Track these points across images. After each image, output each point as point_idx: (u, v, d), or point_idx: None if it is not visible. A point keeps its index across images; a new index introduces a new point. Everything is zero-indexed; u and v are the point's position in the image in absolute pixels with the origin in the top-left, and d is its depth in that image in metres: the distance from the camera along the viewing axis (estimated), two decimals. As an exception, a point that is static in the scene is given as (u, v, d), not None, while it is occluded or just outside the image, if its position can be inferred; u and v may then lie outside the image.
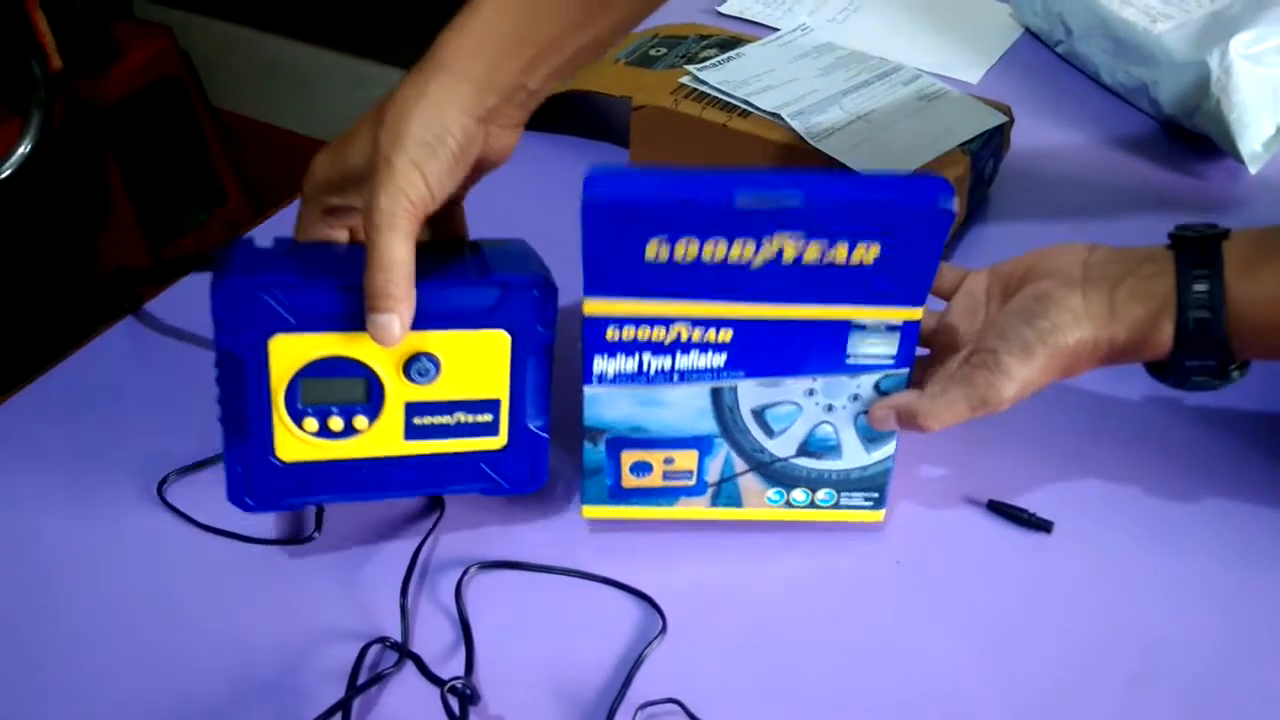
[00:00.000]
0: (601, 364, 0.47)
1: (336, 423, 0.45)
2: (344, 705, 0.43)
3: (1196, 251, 0.47)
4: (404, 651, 0.46)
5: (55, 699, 0.45)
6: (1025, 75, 0.88)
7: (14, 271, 1.52)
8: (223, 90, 1.85)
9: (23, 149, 1.25)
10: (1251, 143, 0.77)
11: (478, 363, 0.46)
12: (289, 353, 0.43)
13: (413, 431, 0.47)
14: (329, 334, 0.43)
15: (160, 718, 0.44)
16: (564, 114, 0.81)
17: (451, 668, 0.46)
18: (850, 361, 0.47)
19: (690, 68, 0.73)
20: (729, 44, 0.77)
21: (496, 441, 0.48)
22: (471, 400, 0.46)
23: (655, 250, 0.43)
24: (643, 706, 0.44)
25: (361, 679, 0.45)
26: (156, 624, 0.47)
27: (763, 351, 0.47)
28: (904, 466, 0.55)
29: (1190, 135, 0.81)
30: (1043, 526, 0.52)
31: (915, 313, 0.46)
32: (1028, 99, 0.84)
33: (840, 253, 0.44)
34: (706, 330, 0.46)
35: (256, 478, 0.46)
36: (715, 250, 0.44)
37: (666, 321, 0.46)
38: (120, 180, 1.64)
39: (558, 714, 0.44)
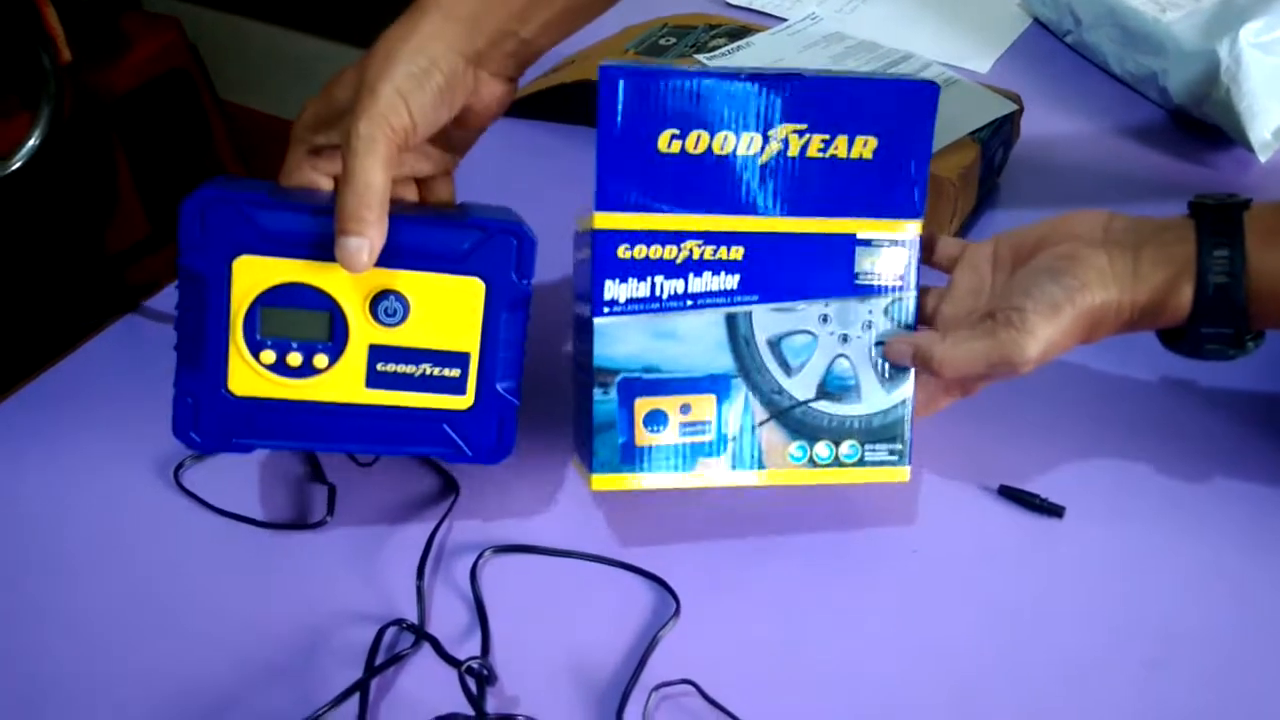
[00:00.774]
0: (613, 289, 0.46)
1: (295, 358, 0.44)
2: (362, 685, 0.44)
3: (1217, 219, 0.47)
4: (420, 633, 0.46)
5: (74, 679, 0.45)
6: (1034, 65, 0.88)
7: (22, 261, 1.52)
8: (230, 83, 1.86)
9: (32, 141, 1.26)
10: (1261, 131, 0.77)
11: (449, 310, 0.44)
12: (253, 275, 0.42)
13: (375, 379, 0.45)
14: (296, 260, 0.42)
15: (177, 698, 0.44)
16: (573, 104, 0.81)
17: (468, 649, 0.46)
18: (859, 282, 0.49)
19: (699, 56, 0.73)
20: (738, 33, 0.77)
21: (463, 401, 0.46)
22: (439, 351, 0.45)
23: (667, 142, 0.46)
24: (657, 687, 0.45)
25: (379, 660, 0.45)
26: (173, 606, 0.48)
27: (774, 272, 0.48)
28: (917, 453, 0.55)
29: (1200, 124, 0.81)
30: (1054, 511, 0.52)
31: (916, 225, 0.49)
32: (1037, 88, 0.84)
33: (840, 146, 0.47)
34: (718, 248, 0.47)
35: (206, 410, 0.44)
36: (725, 142, 0.46)
37: (678, 239, 0.47)
38: (128, 172, 1.64)
39: (573, 695, 0.45)
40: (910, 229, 0.49)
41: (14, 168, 1.24)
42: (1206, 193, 0.49)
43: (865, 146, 0.47)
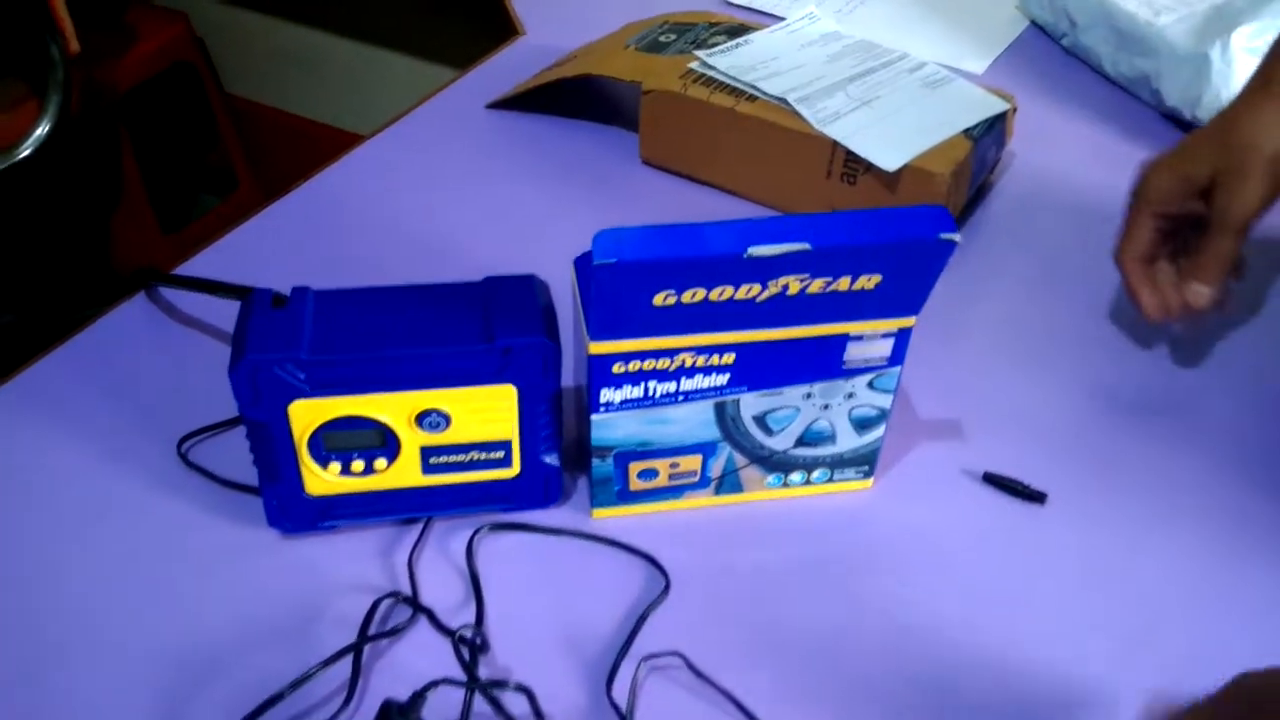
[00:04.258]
0: (608, 394, 0.48)
1: (358, 465, 0.48)
2: (356, 649, 0.45)
3: None
4: (416, 605, 0.48)
5: (80, 637, 0.46)
6: (1030, 66, 0.89)
7: (29, 252, 1.54)
8: (236, 77, 1.87)
9: (41, 130, 1.27)
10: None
11: (488, 412, 0.48)
12: (307, 414, 0.46)
13: (430, 469, 0.49)
14: (343, 397, 0.46)
15: (177, 661, 0.46)
16: (575, 99, 0.82)
17: (462, 622, 0.47)
18: (847, 367, 0.49)
19: (699, 53, 0.75)
20: (737, 31, 0.78)
21: (510, 472, 0.50)
22: (484, 442, 0.49)
23: (663, 299, 0.44)
24: (646, 659, 0.46)
25: (374, 631, 0.47)
26: (176, 574, 0.49)
27: (764, 368, 0.48)
28: (903, 440, 0.57)
29: (1191, 126, 0.82)
30: (1036, 497, 0.54)
31: (909, 321, 0.48)
32: (1032, 89, 0.86)
33: (844, 284, 0.45)
34: (710, 355, 0.47)
35: (290, 508, 0.49)
36: (722, 294, 0.44)
37: (671, 353, 0.47)
38: (134, 165, 1.66)
39: (565, 664, 0.46)
40: (905, 321, 0.48)
41: (22, 155, 1.25)
42: None
43: (869, 281, 0.45)
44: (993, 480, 0.55)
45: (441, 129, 0.80)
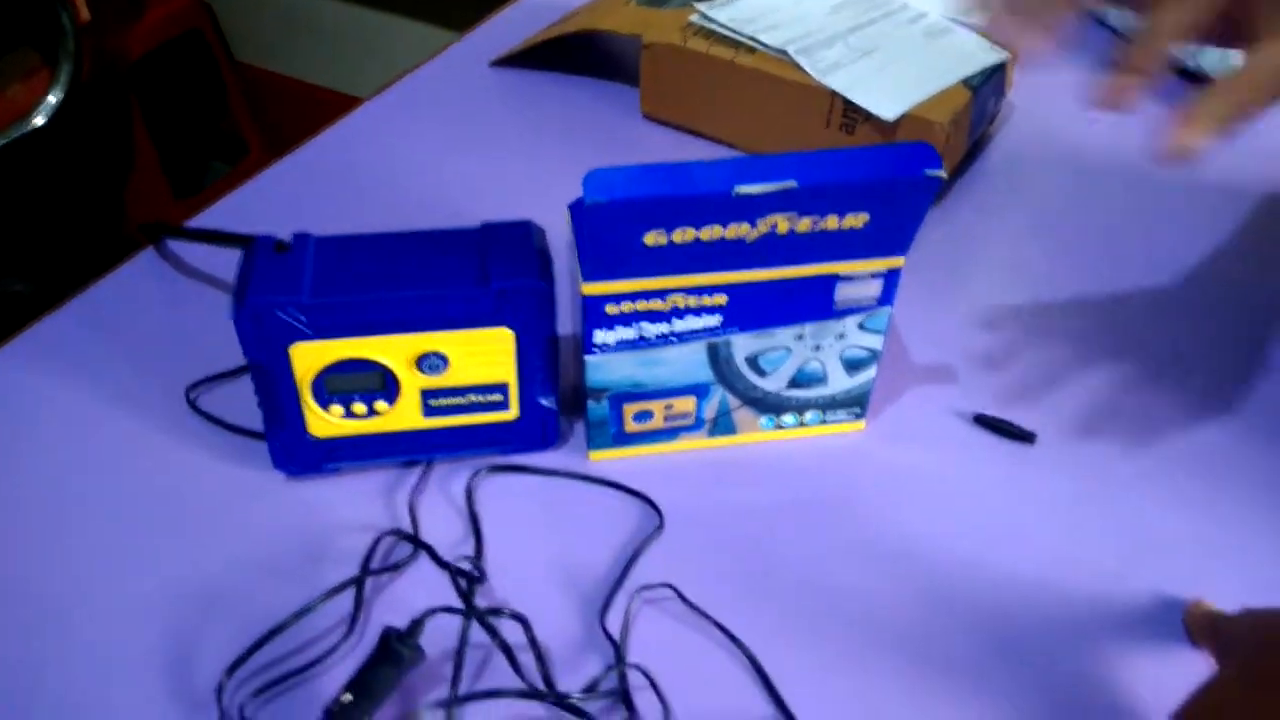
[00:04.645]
0: (602, 335, 0.48)
1: (360, 408, 0.49)
2: (358, 582, 0.46)
3: None
4: (416, 541, 0.49)
5: (93, 578, 0.48)
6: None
7: (44, 220, 1.56)
8: (245, 45, 1.88)
9: (53, 98, 1.28)
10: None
11: (485, 355, 0.48)
12: (309, 357, 0.47)
13: (430, 411, 0.50)
14: (344, 339, 0.47)
15: (185, 596, 0.47)
16: (575, 54, 0.83)
17: (461, 559, 0.49)
18: (837, 307, 0.49)
19: (699, 6, 0.75)
20: (738, -16, 0.78)
21: (509, 414, 0.51)
22: (482, 384, 0.50)
23: (654, 239, 0.44)
24: (639, 590, 0.47)
25: (376, 566, 0.48)
26: (184, 514, 0.51)
27: (755, 309, 0.49)
28: (894, 381, 0.58)
29: (1193, 76, 0.82)
30: (1025, 437, 0.54)
31: (898, 261, 0.48)
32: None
33: (831, 222, 0.45)
34: (702, 296, 0.48)
35: (294, 450, 0.51)
36: (712, 233, 0.45)
37: (663, 294, 0.47)
38: (145, 133, 1.67)
39: (561, 597, 0.47)
40: (894, 261, 0.48)
41: (36, 123, 1.27)
42: None
43: (856, 219, 0.45)
44: (983, 421, 0.55)
45: (445, 87, 0.81)
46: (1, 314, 1.39)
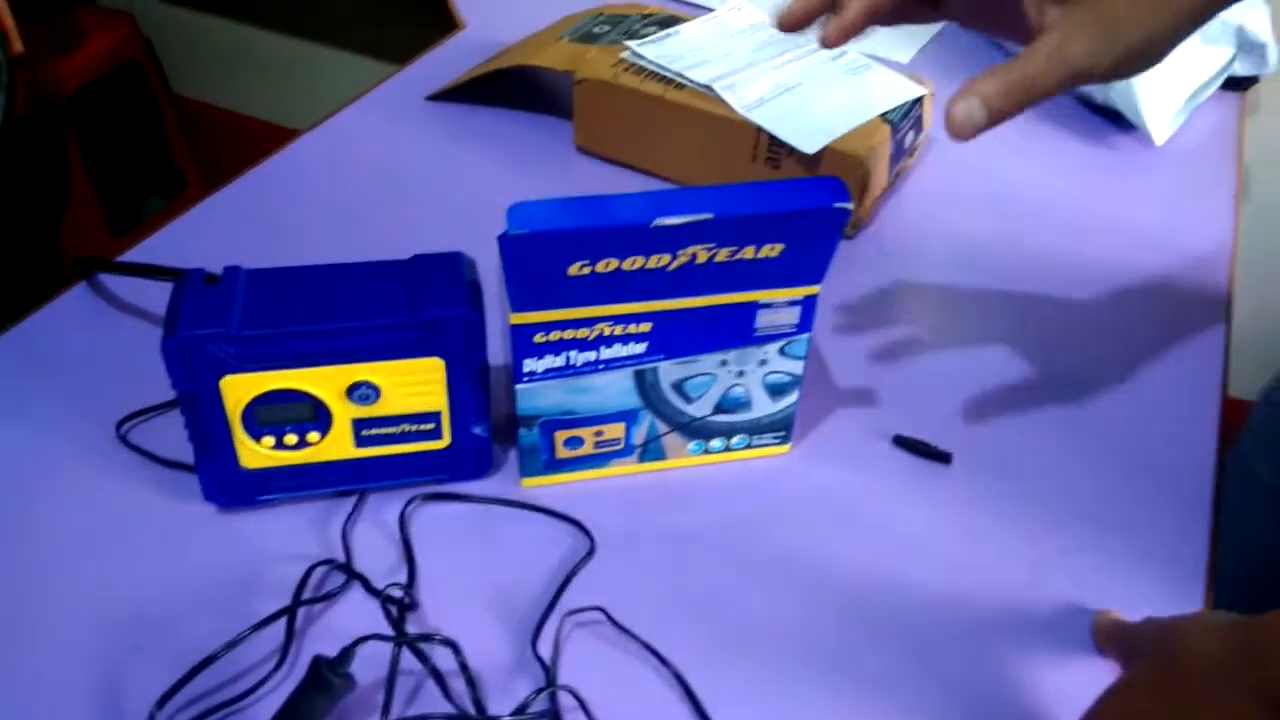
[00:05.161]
0: (531, 364, 0.50)
1: (291, 438, 0.50)
2: (289, 612, 0.47)
3: None
4: (349, 571, 0.49)
5: (22, 612, 0.48)
6: (953, 56, 0.93)
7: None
8: (183, 77, 1.87)
9: (-16, 130, 1.27)
10: (1157, 117, 0.82)
11: (416, 385, 0.49)
12: (239, 388, 0.47)
13: (362, 441, 0.51)
14: (274, 371, 0.47)
15: (116, 630, 0.47)
16: (510, 88, 0.85)
17: (394, 589, 0.49)
18: (758, 334, 0.51)
19: (629, 43, 0.77)
20: (668, 22, 0.81)
21: (441, 443, 0.52)
22: (414, 414, 0.50)
23: (578, 270, 0.46)
24: (570, 613, 0.48)
25: (308, 596, 0.48)
26: (115, 548, 0.51)
27: (679, 336, 0.50)
28: (818, 405, 0.60)
29: (1103, 110, 0.86)
30: (942, 457, 0.57)
31: (814, 289, 0.50)
32: (954, 78, 0.89)
33: (748, 252, 0.47)
34: (627, 325, 0.49)
35: (226, 482, 0.51)
36: (634, 264, 0.46)
37: (589, 323, 0.49)
38: (82, 166, 1.65)
39: (493, 622, 0.48)
40: (810, 289, 0.50)
41: (-34, 156, 1.25)
42: None
43: (772, 249, 0.47)
44: (902, 442, 0.57)
45: (382, 120, 0.82)
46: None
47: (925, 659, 0.48)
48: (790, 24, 0.51)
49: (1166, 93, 0.82)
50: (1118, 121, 0.86)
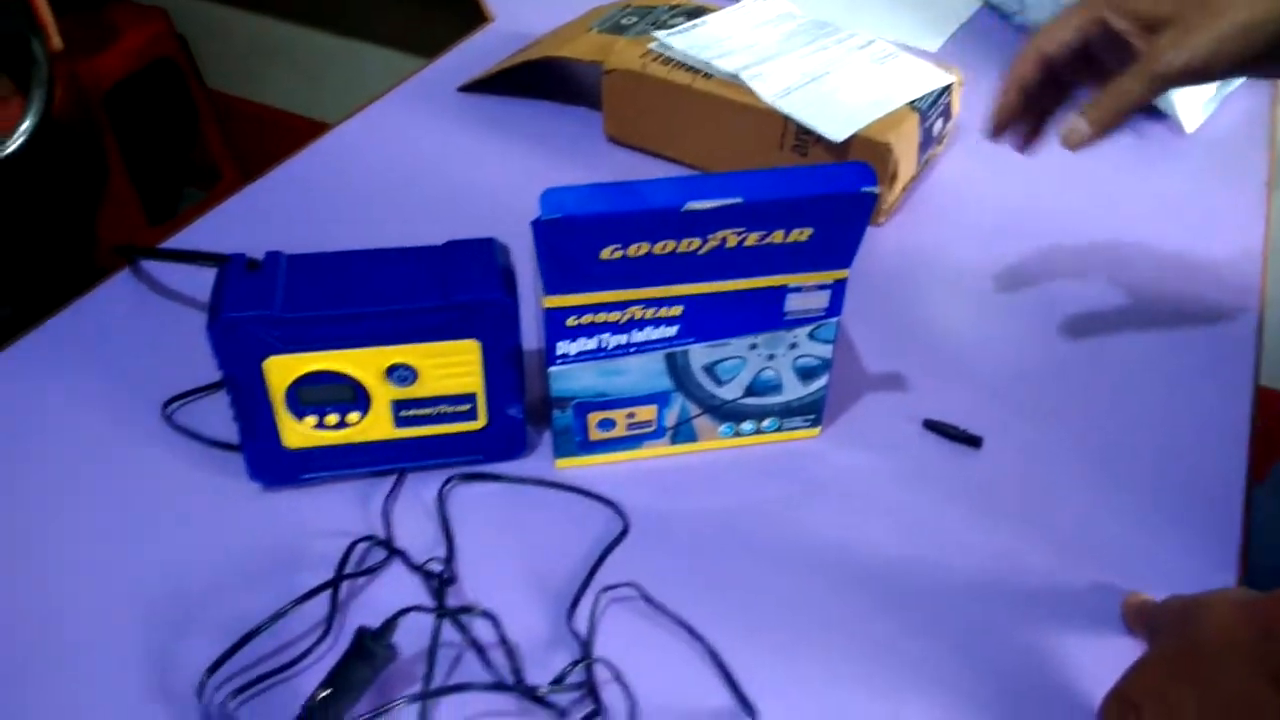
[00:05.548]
0: (564, 347, 0.51)
1: (332, 418, 0.51)
2: (333, 585, 0.48)
3: None
4: (390, 547, 0.51)
5: (75, 587, 0.49)
6: (982, 45, 0.93)
7: (21, 246, 1.56)
8: (217, 71, 1.90)
9: (27, 124, 1.30)
10: (1188, 105, 0.82)
11: (453, 366, 0.51)
12: (282, 370, 0.49)
13: (401, 421, 0.52)
14: (315, 353, 0.49)
15: (165, 604, 0.49)
16: (540, 79, 0.86)
17: (434, 564, 0.51)
18: (788, 317, 0.52)
19: (657, 34, 0.78)
20: (696, 12, 0.81)
21: (477, 424, 0.53)
22: (450, 395, 0.52)
23: (610, 253, 0.47)
24: (605, 589, 0.49)
25: (351, 570, 0.50)
26: (163, 525, 0.52)
27: (710, 319, 0.51)
28: (848, 389, 0.60)
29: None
30: (972, 441, 0.57)
31: (843, 273, 0.51)
32: (983, 66, 0.89)
33: (778, 236, 0.48)
34: (659, 308, 0.50)
35: (270, 461, 0.52)
36: (665, 247, 0.47)
37: (621, 306, 0.50)
38: (120, 160, 1.68)
39: (529, 598, 0.49)
40: (839, 273, 0.51)
41: (10, 150, 1.28)
42: None
43: (801, 234, 0.48)
44: (932, 426, 0.58)
45: (414, 112, 0.83)
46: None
47: (955, 638, 0.49)
48: (1001, 127, 0.58)
49: (1197, 79, 0.82)
50: (1148, 109, 0.86)
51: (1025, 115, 0.59)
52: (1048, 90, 0.58)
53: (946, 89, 0.76)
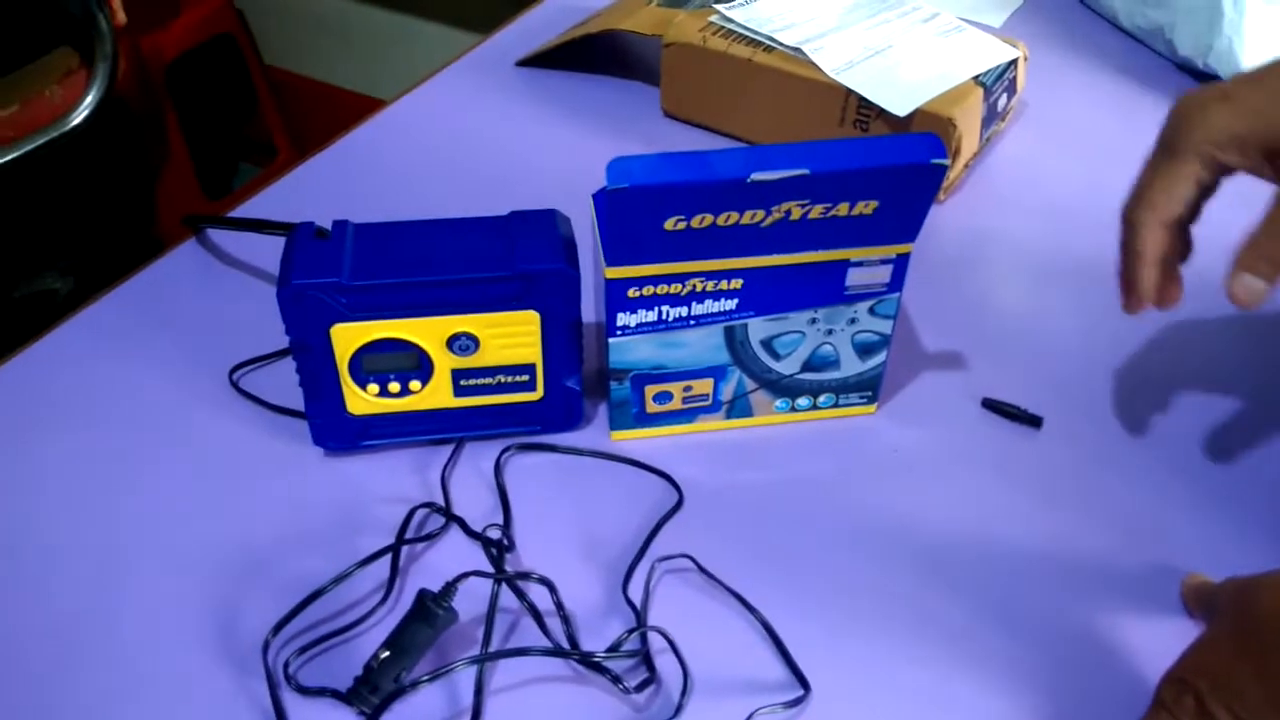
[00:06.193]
0: (624, 318, 0.51)
1: (394, 386, 0.52)
2: (393, 549, 0.49)
3: None
4: (448, 515, 0.52)
5: (142, 547, 0.51)
6: (1048, 19, 0.91)
7: (79, 219, 1.60)
8: (274, 48, 1.92)
9: (91, 97, 1.32)
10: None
11: (513, 336, 0.51)
12: (348, 337, 0.50)
13: (460, 391, 0.53)
14: (381, 320, 0.49)
15: (229, 565, 0.50)
16: (598, 54, 0.86)
17: (491, 531, 0.51)
18: (849, 292, 0.52)
19: (718, 7, 0.77)
20: (757, -15, 0.80)
21: (535, 395, 0.54)
22: (510, 365, 0.52)
23: (673, 225, 0.47)
24: (659, 560, 0.50)
25: (410, 536, 0.51)
26: (228, 488, 0.53)
27: (770, 293, 0.51)
28: (906, 366, 0.60)
29: (1204, 76, 0.84)
30: (1033, 421, 0.56)
31: (907, 247, 0.50)
32: (1048, 41, 0.87)
33: (842, 209, 0.48)
34: (719, 281, 0.50)
35: (334, 427, 0.53)
36: (728, 219, 0.47)
37: (683, 278, 0.50)
38: (179, 133, 1.71)
39: (585, 567, 0.50)
40: (903, 247, 0.50)
41: (76, 122, 1.30)
42: None
43: (866, 207, 0.47)
44: (991, 405, 0.57)
45: (472, 86, 0.83)
46: (41, 310, 1.43)
47: (1008, 617, 0.48)
48: (1140, 302, 0.51)
49: (1272, 55, 0.80)
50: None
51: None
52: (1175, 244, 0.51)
53: (1011, 64, 0.74)
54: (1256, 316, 0.63)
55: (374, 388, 0.52)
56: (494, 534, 0.51)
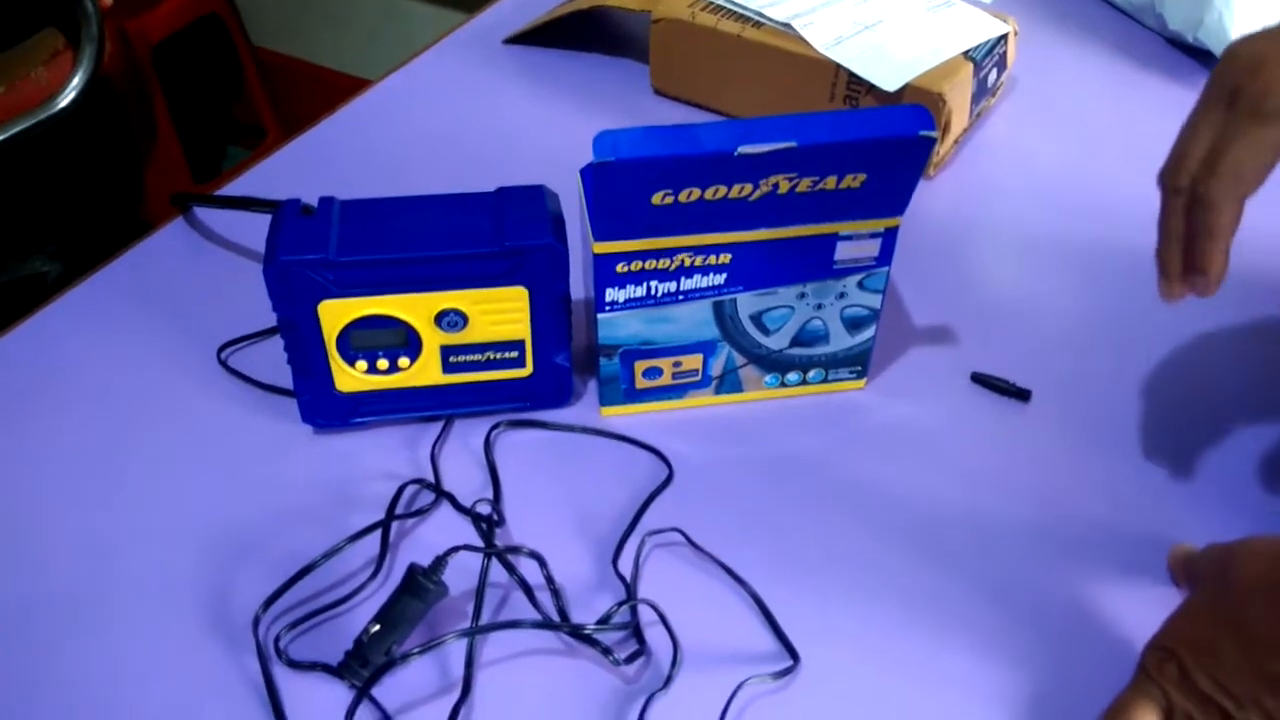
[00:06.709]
0: (613, 294, 0.51)
1: (383, 363, 0.52)
2: (383, 525, 0.49)
3: None
4: (438, 490, 0.52)
5: (132, 524, 0.51)
6: (1037, -5, 0.91)
7: (67, 201, 1.59)
8: (262, 28, 1.90)
9: (77, 79, 1.31)
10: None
11: (502, 312, 0.51)
12: (336, 313, 0.50)
13: (449, 367, 0.53)
14: (368, 297, 0.49)
15: (220, 541, 0.50)
16: (587, 30, 0.85)
17: (481, 506, 0.51)
18: (838, 266, 0.52)
19: (711, -18, 0.77)
20: (746, -39, 0.80)
21: (524, 371, 0.54)
22: (498, 342, 0.52)
23: (660, 199, 0.47)
24: (649, 534, 0.50)
25: (400, 511, 0.51)
26: (218, 466, 0.53)
27: (758, 268, 0.51)
28: (895, 341, 0.60)
29: (1194, 51, 0.83)
30: (1021, 395, 0.57)
31: (895, 221, 0.50)
32: (1038, 17, 0.87)
33: (830, 182, 0.47)
34: (708, 255, 0.50)
35: (323, 404, 0.53)
36: (716, 193, 0.47)
37: (671, 253, 0.50)
38: (166, 114, 1.70)
39: (575, 541, 0.50)
40: (891, 221, 0.50)
41: (63, 105, 1.29)
42: None
43: (855, 180, 0.47)
44: (980, 379, 0.58)
45: (459, 65, 0.83)
46: (30, 294, 1.42)
47: (996, 588, 0.49)
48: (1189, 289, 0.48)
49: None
50: (1208, 62, 0.83)
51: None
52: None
53: (1002, 39, 0.74)
54: (1241, 287, 0.64)
55: (362, 364, 0.52)
56: (484, 509, 0.51)
